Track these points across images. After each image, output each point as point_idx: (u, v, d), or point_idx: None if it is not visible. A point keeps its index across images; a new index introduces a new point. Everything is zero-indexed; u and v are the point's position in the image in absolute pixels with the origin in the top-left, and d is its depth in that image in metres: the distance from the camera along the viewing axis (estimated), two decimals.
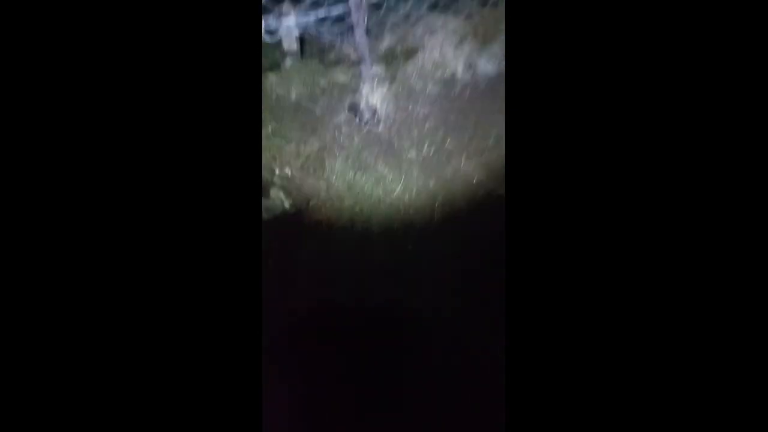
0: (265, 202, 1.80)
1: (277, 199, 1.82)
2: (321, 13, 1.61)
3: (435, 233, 1.76)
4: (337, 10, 1.62)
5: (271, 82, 2.11)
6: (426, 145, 1.86)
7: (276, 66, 2.14)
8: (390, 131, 1.89)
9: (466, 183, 1.83)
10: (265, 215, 1.78)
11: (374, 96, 1.88)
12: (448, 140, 1.86)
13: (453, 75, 1.93)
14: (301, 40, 1.93)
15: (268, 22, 1.52)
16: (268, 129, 1.98)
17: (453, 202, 1.82)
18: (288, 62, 2.11)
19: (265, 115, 2.03)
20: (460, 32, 1.93)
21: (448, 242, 1.71)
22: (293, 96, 2.09)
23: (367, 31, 1.75)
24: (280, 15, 1.68)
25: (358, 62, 1.85)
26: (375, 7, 1.79)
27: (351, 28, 1.71)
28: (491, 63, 1.93)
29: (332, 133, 1.93)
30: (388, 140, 1.89)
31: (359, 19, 1.65)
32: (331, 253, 1.72)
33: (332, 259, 1.71)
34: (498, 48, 1.93)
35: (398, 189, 1.81)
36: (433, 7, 1.91)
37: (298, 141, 1.94)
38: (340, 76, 2.06)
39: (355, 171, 1.85)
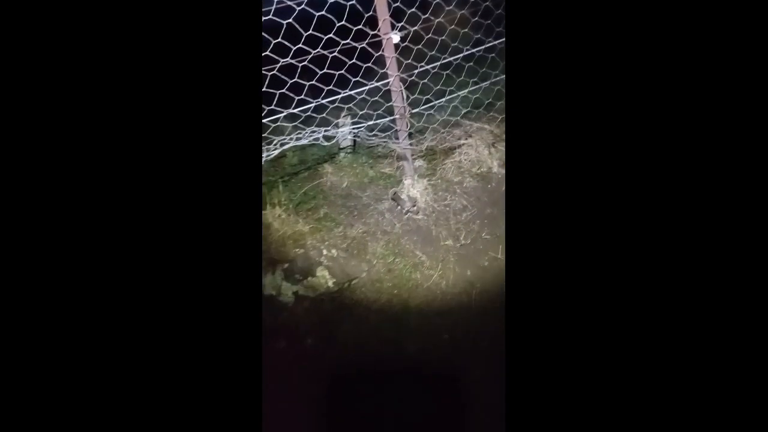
0: (311, 281, 1.97)
1: (322, 278, 1.98)
2: (370, 123, 1.89)
3: (471, 321, 1.79)
4: (383, 120, 1.90)
5: (326, 171, 2.40)
6: (462, 235, 1.98)
7: (332, 158, 2.45)
8: (429, 220, 2.04)
9: (501, 273, 1.88)
10: (311, 293, 1.94)
11: (415, 188, 2.07)
12: (484, 231, 1.96)
13: (489, 170, 2.09)
14: (354, 141, 2.23)
15: (327, 132, 1.82)
16: (320, 213, 2.22)
17: (489, 291, 1.86)
18: (342, 155, 2.42)
19: (320, 200, 2.29)
20: (494, 134, 2.12)
21: (485, 332, 1.73)
22: (345, 184, 2.34)
23: (410, 135, 2.00)
24: (337, 126, 1.99)
25: (402, 158, 2.08)
26: (417, 116, 2.05)
27: (396, 133, 1.97)
28: None
29: (376, 219, 2.12)
30: (427, 228, 2.03)
31: (402, 126, 1.91)
32: (369, 331, 1.81)
33: (370, 336, 1.79)
34: None
35: (435, 275, 1.90)
36: (470, 113, 2.14)
37: (346, 225, 2.14)
38: (387, 168, 2.30)
39: (395, 255, 1.99)
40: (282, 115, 1.70)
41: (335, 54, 1.59)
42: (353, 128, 2.03)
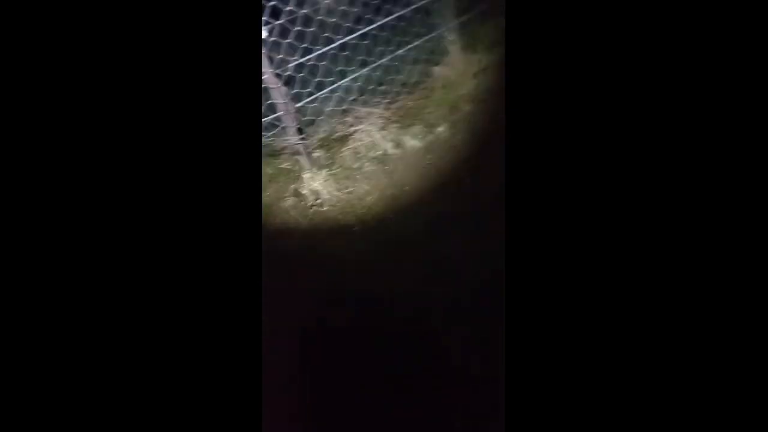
0: None
1: None
2: None
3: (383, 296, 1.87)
4: (266, 119, 1.87)
5: None
6: (370, 219, 2.04)
7: None
8: (335, 210, 2.07)
9: (413, 248, 1.98)
10: None
11: (316, 180, 2.08)
12: (389, 212, 2.05)
13: (384, 152, 2.16)
14: None
15: None
16: None
17: (401, 265, 1.95)
18: None
19: None
20: (384, 117, 2.20)
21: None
22: None
23: (299, 130, 1.99)
24: None
25: (297, 153, 2.07)
26: (302, 109, 2.05)
27: (284, 129, 1.95)
28: (416, 139, 2.18)
29: (282, 218, 2.10)
30: (334, 218, 2.06)
31: (289, 121, 1.89)
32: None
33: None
34: (419, 128, 2.20)
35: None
36: (356, 100, 2.18)
37: None
38: (285, 163, 2.28)
39: (308, 250, 1.99)
40: None
41: None
42: None
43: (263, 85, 1.74)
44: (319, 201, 2.07)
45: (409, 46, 2.22)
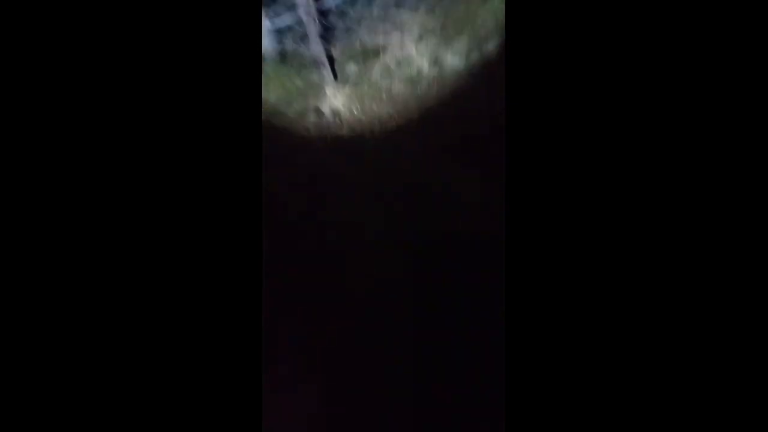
0: None
1: None
2: (269, 24, 1.63)
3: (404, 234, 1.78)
4: (286, 20, 1.64)
5: None
6: (391, 147, 1.86)
7: None
8: (354, 133, 1.90)
9: (433, 182, 1.81)
10: None
11: (337, 99, 1.89)
12: (413, 140, 1.84)
13: (419, 72, 1.88)
14: (281, 48, 1.97)
15: None
16: None
17: (422, 203, 1.81)
18: (267, 66, 2.17)
19: None
20: (424, 27, 1.85)
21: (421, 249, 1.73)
22: (272, 99, 2.15)
23: (323, 37, 1.75)
24: None
25: (319, 64, 1.86)
26: (324, 14, 1.77)
27: (306, 36, 1.72)
28: (458, 57, 1.84)
29: (301, 136, 1.98)
30: (354, 142, 1.90)
31: (310, 26, 1.65)
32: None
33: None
34: (464, 44, 1.83)
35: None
36: (391, 4, 1.85)
37: None
38: (314, 76, 2.08)
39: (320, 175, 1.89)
40: None
41: None
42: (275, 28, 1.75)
43: None
44: (338, 122, 1.91)
45: None
